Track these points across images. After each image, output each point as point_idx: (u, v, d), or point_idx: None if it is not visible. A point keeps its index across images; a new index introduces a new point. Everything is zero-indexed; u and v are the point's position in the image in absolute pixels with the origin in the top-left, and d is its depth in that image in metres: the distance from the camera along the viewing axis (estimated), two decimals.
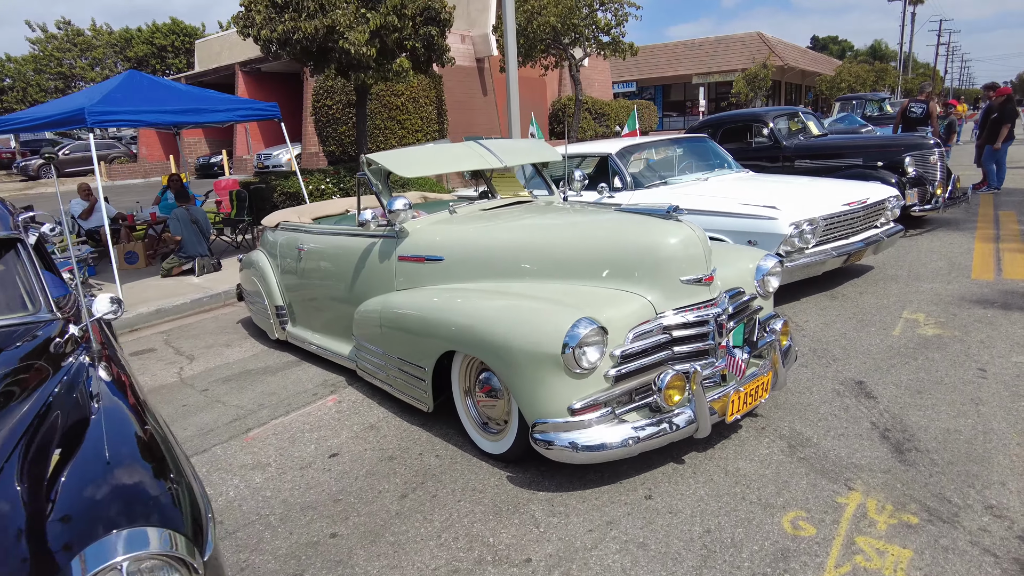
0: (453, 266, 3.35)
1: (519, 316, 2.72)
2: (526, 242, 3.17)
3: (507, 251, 3.20)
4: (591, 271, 2.95)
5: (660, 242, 2.82)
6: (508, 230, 3.32)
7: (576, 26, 13.75)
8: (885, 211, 5.45)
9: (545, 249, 3.09)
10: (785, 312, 4.80)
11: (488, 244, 3.28)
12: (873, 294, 5.08)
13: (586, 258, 2.97)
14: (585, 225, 3.15)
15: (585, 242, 3.01)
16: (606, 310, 2.68)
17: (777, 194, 5.09)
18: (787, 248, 4.66)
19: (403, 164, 3.68)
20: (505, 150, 3.99)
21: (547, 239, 3.13)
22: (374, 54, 8.63)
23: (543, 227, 3.26)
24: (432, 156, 3.84)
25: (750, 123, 8.48)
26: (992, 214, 8.16)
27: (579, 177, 4.43)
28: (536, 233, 3.20)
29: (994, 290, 4.97)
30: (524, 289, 3.02)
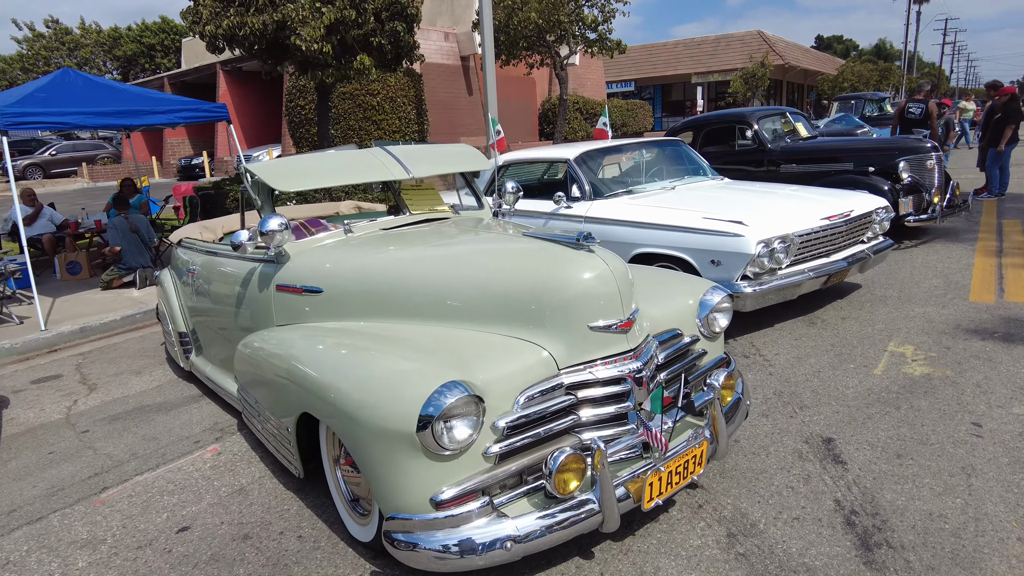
0: (333, 300, 2.77)
1: (373, 376, 2.13)
2: (415, 275, 2.58)
3: (393, 285, 2.61)
4: (486, 313, 2.36)
5: (563, 279, 2.23)
6: (398, 260, 2.73)
7: (561, 23, 13.16)
8: (872, 224, 4.84)
9: (435, 284, 2.51)
10: (754, 342, 4.20)
11: (372, 275, 2.69)
12: (857, 320, 4.48)
13: (480, 297, 2.38)
14: (483, 256, 2.56)
15: (479, 277, 2.42)
16: (489, 367, 2.10)
17: (747, 207, 4.49)
18: (755, 269, 4.06)
19: (283, 176, 3.10)
20: (417, 158, 3.41)
21: (438, 272, 2.54)
22: (331, 51, 8.07)
23: (437, 256, 2.67)
24: (323, 167, 3.26)
25: (734, 124, 7.87)
26: (995, 223, 7.53)
27: (511, 189, 3.84)
28: (427, 264, 2.62)
29: (994, 316, 4.35)
30: (408, 334, 2.43)
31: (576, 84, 21.78)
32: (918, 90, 8.64)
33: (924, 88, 8.59)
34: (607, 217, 4.90)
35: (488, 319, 2.35)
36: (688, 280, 2.90)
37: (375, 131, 13.19)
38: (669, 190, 5.27)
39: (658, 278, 2.94)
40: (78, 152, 29.83)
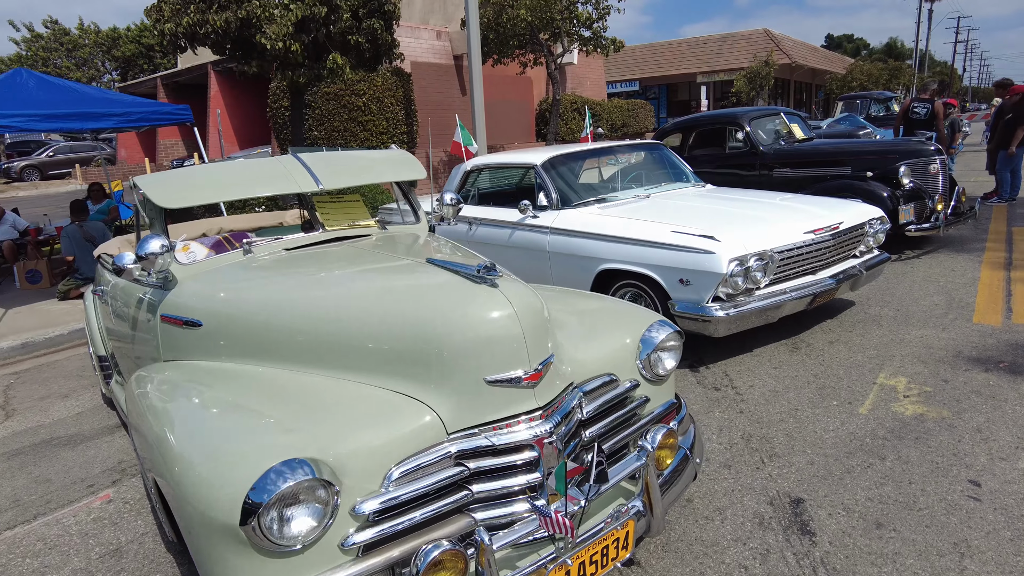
0: (211, 336, 2.36)
1: (206, 445, 1.72)
2: (296, 311, 2.17)
3: (271, 322, 2.20)
4: (367, 361, 1.95)
5: (453, 322, 1.82)
6: (282, 291, 2.32)
7: (553, 20, 12.72)
8: (865, 237, 4.39)
9: (315, 323, 2.09)
10: (728, 371, 3.76)
11: (252, 309, 2.28)
12: (846, 344, 4.02)
13: (360, 340, 1.97)
14: (370, 290, 2.12)
15: (361, 316, 2.00)
16: (355, 435, 1.68)
17: (723, 218, 4.04)
18: (728, 290, 3.62)
19: (170, 191, 2.70)
20: (332, 168, 3.00)
21: (320, 308, 2.12)
22: (299, 50, 7.69)
23: (323, 289, 2.25)
24: (219, 179, 2.86)
25: (725, 126, 7.41)
26: (1004, 231, 7.03)
27: (450, 200, 3.42)
28: (311, 298, 2.20)
29: (1000, 342, 3.89)
30: (279, 385, 2.03)
31: (575, 84, 21.33)
32: (924, 89, 8.15)
33: (931, 87, 8.09)
34: (573, 228, 4.48)
35: (370, 368, 1.94)
36: (630, 312, 2.46)
37: (361, 132, 12.80)
38: (643, 199, 4.83)
39: (594, 309, 2.51)
40: (75, 153, 29.72)
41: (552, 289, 2.85)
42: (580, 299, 2.65)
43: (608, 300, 2.64)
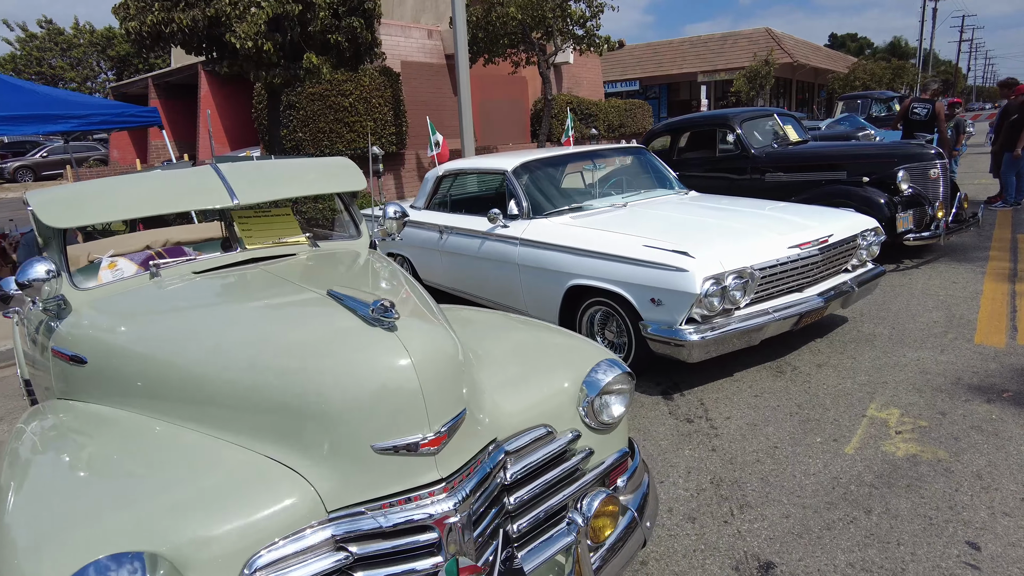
0: (96, 376, 2.04)
1: (36, 521, 1.40)
2: (178, 352, 1.86)
3: (152, 364, 1.89)
4: (241, 419, 1.63)
5: (335, 375, 1.51)
6: (168, 327, 2.00)
7: (545, 18, 12.37)
8: (858, 250, 4.05)
9: (196, 366, 1.78)
10: (704, 399, 3.43)
11: (136, 347, 1.97)
12: (836, 368, 3.69)
13: (234, 393, 1.66)
14: (255, 334, 1.79)
15: (243, 362, 1.69)
16: (209, 515, 1.37)
17: (700, 231, 3.72)
18: (703, 311, 3.29)
19: (58, 209, 2.38)
20: (254, 180, 2.68)
21: (202, 349, 1.81)
22: (271, 49, 7.38)
23: (209, 327, 1.93)
24: (120, 196, 2.54)
25: (715, 127, 7.08)
26: (1009, 238, 6.68)
27: (392, 213, 3.10)
28: (195, 337, 1.88)
29: (1004, 366, 3.55)
30: (160, 439, 1.72)
31: (571, 83, 20.97)
32: (924, 89, 7.79)
33: (931, 87, 7.74)
34: (543, 240, 4.16)
35: (246, 428, 1.62)
36: (574, 349, 2.14)
37: (347, 133, 12.49)
38: (620, 208, 4.50)
39: (533, 344, 2.18)
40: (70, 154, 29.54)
41: (491, 317, 2.53)
42: (520, 330, 2.33)
43: (553, 332, 2.32)
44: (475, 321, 2.50)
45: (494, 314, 2.60)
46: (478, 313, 2.63)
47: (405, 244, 5.91)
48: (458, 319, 2.49)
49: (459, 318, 2.51)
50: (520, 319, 2.47)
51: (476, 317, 2.58)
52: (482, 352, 2.11)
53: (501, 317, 2.55)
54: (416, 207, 5.96)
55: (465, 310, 2.73)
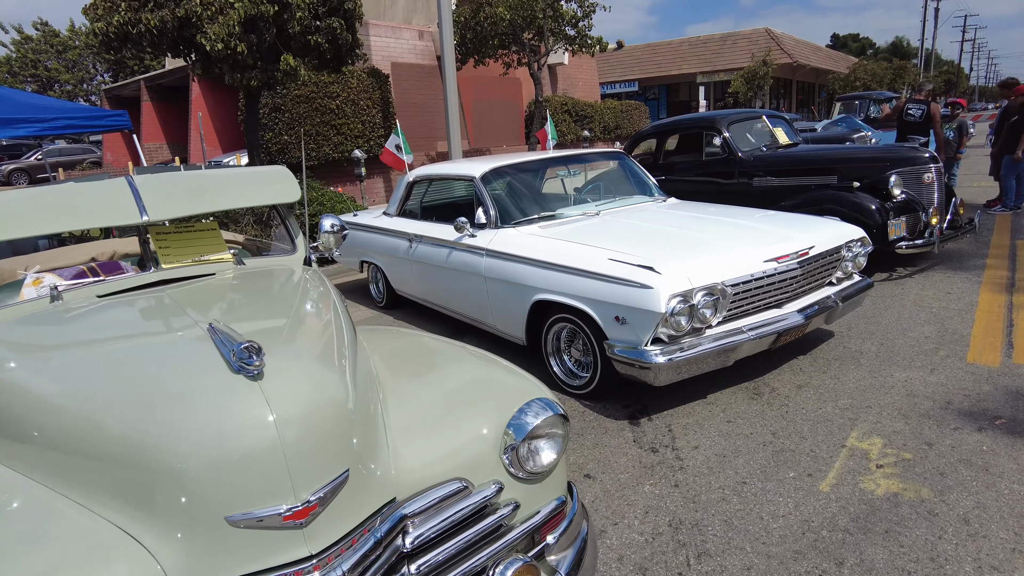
0: None
1: None
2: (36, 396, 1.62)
3: (15, 408, 1.66)
4: (91, 478, 1.40)
5: (184, 432, 1.28)
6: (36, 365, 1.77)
7: (536, 18, 12.15)
8: (842, 262, 3.80)
9: (51, 415, 1.54)
10: (672, 424, 3.18)
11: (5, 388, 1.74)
12: (816, 390, 3.44)
13: (87, 448, 1.42)
14: (109, 381, 1.54)
15: (93, 413, 1.46)
16: None
17: (671, 243, 3.47)
18: (669, 331, 3.05)
19: None
20: (170, 193, 2.45)
21: (59, 395, 1.58)
22: (245, 50, 7.15)
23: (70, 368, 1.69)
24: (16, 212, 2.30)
25: (702, 130, 6.84)
26: (1008, 244, 6.41)
27: (330, 227, 2.87)
28: (57, 379, 1.65)
29: (998, 388, 3.30)
30: (15, 494, 1.48)
31: (566, 84, 20.74)
32: (918, 89, 7.52)
33: (925, 87, 7.47)
34: (508, 252, 3.92)
35: (93, 486, 1.38)
36: (504, 386, 1.89)
37: (334, 136, 12.27)
38: (591, 217, 4.26)
39: (460, 381, 1.95)
40: (64, 156, 29.39)
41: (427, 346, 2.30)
42: (455, 363, 2.09)
43: (491, 365, 2.07)
44: (407, 352, 2.27)
45: (433, 343, 2.36)
46: (416, 341, 2.40)
47: (377, 253, 5.69)
48: (389, 349, 2.26)
49: (391, 348, 2.28)
50: (461, 349, 2.23)
51: (410, 346, 2.35)
52: (405, 391, 1.88)
53: (442, 345, 2.31)
54: (388, 213, 5.73)
55: (403, 336, 2.50)
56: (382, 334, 2.57)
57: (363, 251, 5.96)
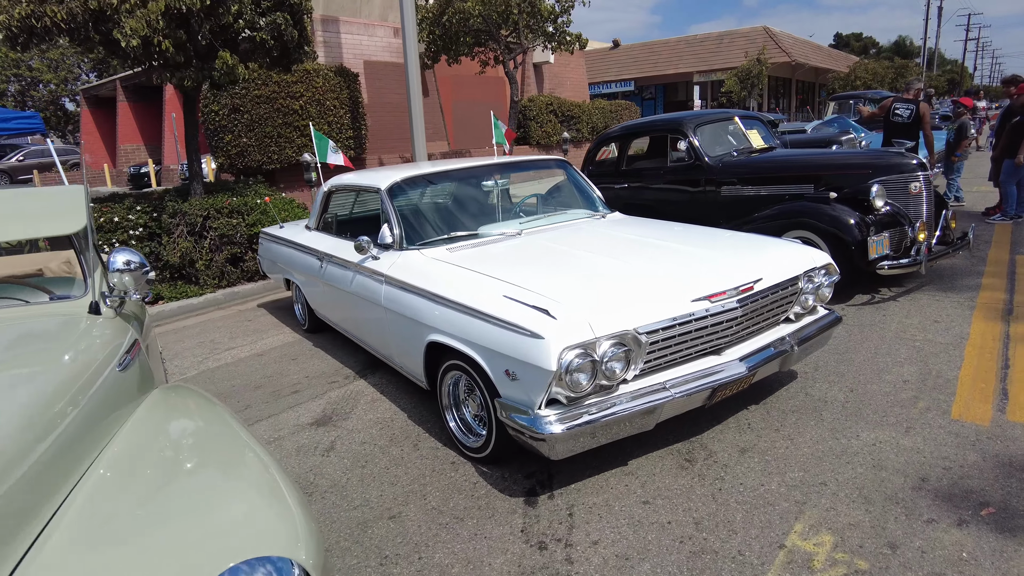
0: None
1: None
2: None
3: None
4: None
5: None
6: None
7: (511, 14, 11.51)
8: (801, 295, 3.16)
9: None
10: (574, 506, 2.53)
11: None
12: (762, 456, 2.80)
13: None
14: None
15: None
16: None
17: (584, 275, 2.83)
18: (567, 392, 2.41)
19: None
20: None
21: None
22: (170, 47, 6.54)
23: None
24: None
25: (666, 133, 6.20)
26: (1006, 260, 5.75)
27: (123, 264, 2.24)
28: None
29: (987, 459, 2.65)
30: None
31: (553, 84, 20.10)
32: (906, 88, 6.87)
33: (914, 86, 6.81)
34: (406, 280, 3.29)
35: None
36: (224, 527, 1.28)
37: (298, 138, 11.65)
38: (511, 237, 3.62)
39: (179, 502, 1.33)
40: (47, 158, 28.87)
41: (181, 431, 1.69)
42: (181, 475, 1.48)
43: (231, 484, 1.45)
44: (160, 444, 1.66)
45: (213, 436, 1.76)
46: (198, 428, 1.80)
47: (295, 271, 5.08)
48: (146, 432, 1.67)
49: (150, 431, 1.69)
50: (237, 451, 1.62)
51: (177, 435, 1.74)
52: (107, 499, 1.28)
53: (218, 442, 1.71)
54: (308, 227, 5.13)
55: (192, 416, 1.90)
56: (171, 409, 1.97)
57: (284, 268, 5.35)
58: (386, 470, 2.99)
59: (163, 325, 6.54)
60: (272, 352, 5.05)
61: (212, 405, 2.06)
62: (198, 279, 7.32)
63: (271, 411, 3.85)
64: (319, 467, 3.09)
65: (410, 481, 2.85)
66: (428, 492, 2.74)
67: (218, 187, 8.87)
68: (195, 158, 8.15)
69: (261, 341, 5.38)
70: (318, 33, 13.48)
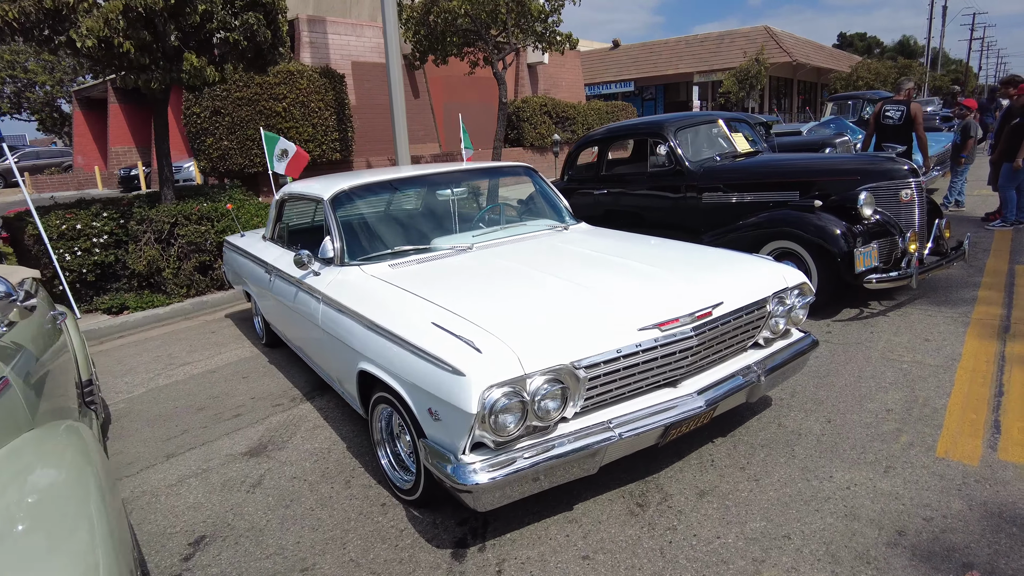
0: None
1: None
2: None
3: None
4: None
5: None
6: None
7: (499, 13, 11.23)
8: (771, 319, 2.86)
9: None
10: (509, 557, 2.23)
11: None
12: (722, 501, 2.51)
13: None
14: None
15: None
16: None
17: (524, 299, 2.55)
18: (493, 436, 2.13)
19: None
20: None
21: None
22: (131, 48, 6.28)
23: None
24: None
25: (646, 137, 5.91)
26: (1005, 271, 5.44)
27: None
28: None
29: (974, 507, 2.36)
30: None
31: (548, 85, 19.81)
32: (897, 89, 6.55)
33: (904, 86, 6.49)
34: (341, 300, 3.01)
35: None
36: None
37: None
38: (461, 252, 3.34)
39: None
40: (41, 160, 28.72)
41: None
42: None
43: None
44: None
45: (51, 503, 1.52)
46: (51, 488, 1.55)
47: (250, 282, 4.83)
48: None
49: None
50: None
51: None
52: None
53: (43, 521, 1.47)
54: (264, 237, 4.87)
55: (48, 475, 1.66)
56: (35, 457, 1.78)
57: (242, 279, 5.10)
58: (310, 511, 2.71)
59: (125, 337, 6.29)
60: (225, 369, 4.78)
61: (83, 456, 1.82)
62: (165, 288, 7.06)
63: (207, 437, 3.58)
64: (240, 506, 2.81)
65: (333, 526, 2.58)
66: (349, 540, 2.47)
67: (192, 192, 8.62)
68: (166, 162, 7.88)
69: (218, 356, 5.12)
70: (304, 33, 13.23)
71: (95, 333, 6.25)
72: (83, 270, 6.72)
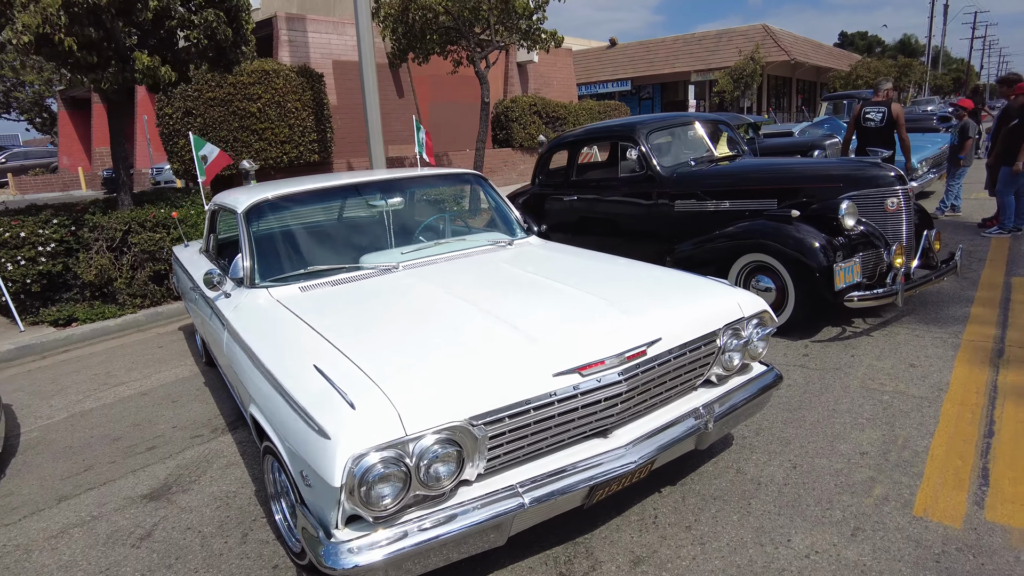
0: None
1: None
2: None
3: None
4: None
5: None
6: None
7: (480, 10, 10.85)
8: (723, 353, 2.49)
9: None
10: None
11: None
12: (654, 572, 2.15)
13: None
14: None
15: None
16: None
17: (422, 337, 2.19)
18: (367, 511, 1.77)
19: None
20: None
21: None
22: (72, 45, 5.93)
23: None
24: None
25: (617, 140, 5.54)
26: (1000, 284, 5.07)
27: None
28: None
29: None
30: None
31: (539, 84, 19.43)
32: (875, 89, 6.15)
33: (883, 86, 6.09)
34: (238, 329, 2.65)
35: None
36: None
37: (256, 142, 11.00)
38: (384, 272, 2.98)
39: None
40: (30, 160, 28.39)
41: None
42: None
43: None
44: None
45: None
46: None
47: (185, 296, 4.50)
48: None
49: None
50: None
51: None
52: None
53: None
54: (201, 249, 4.52)
55: None
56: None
57: (181, 292, 4.77)
58: (194, 573, 2.36)
59: (70, 351, 5.94)
60: (159, 391, 4.44)
61: None
62: (118, 298, 6.71)
63: (111, 475, 3.23)
64: (119, 564, 2.46)
65: None
66: None
67: (154, 197, 8.26)
68: (122, 166, 7.54)
69: (156, 375, 4.77)
70: (282, 32, 12.88)
71: (36, 348, 5.90)
72: (27, 280, 6.37)
